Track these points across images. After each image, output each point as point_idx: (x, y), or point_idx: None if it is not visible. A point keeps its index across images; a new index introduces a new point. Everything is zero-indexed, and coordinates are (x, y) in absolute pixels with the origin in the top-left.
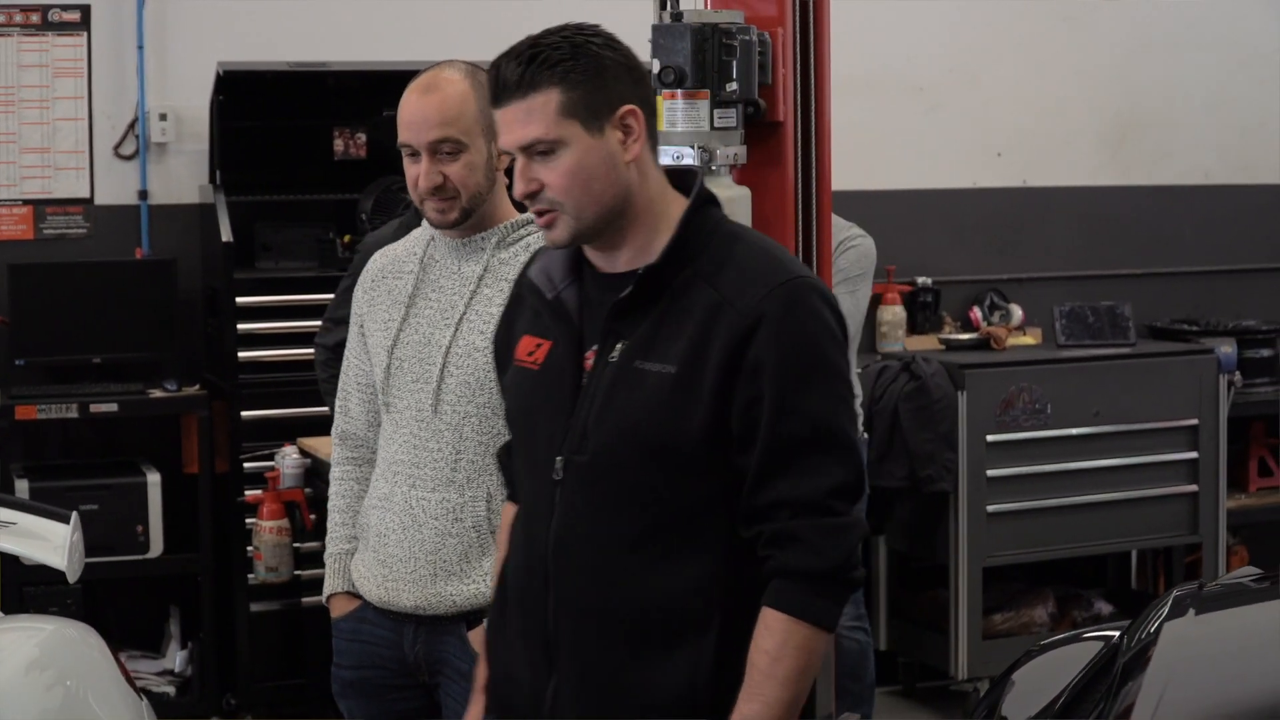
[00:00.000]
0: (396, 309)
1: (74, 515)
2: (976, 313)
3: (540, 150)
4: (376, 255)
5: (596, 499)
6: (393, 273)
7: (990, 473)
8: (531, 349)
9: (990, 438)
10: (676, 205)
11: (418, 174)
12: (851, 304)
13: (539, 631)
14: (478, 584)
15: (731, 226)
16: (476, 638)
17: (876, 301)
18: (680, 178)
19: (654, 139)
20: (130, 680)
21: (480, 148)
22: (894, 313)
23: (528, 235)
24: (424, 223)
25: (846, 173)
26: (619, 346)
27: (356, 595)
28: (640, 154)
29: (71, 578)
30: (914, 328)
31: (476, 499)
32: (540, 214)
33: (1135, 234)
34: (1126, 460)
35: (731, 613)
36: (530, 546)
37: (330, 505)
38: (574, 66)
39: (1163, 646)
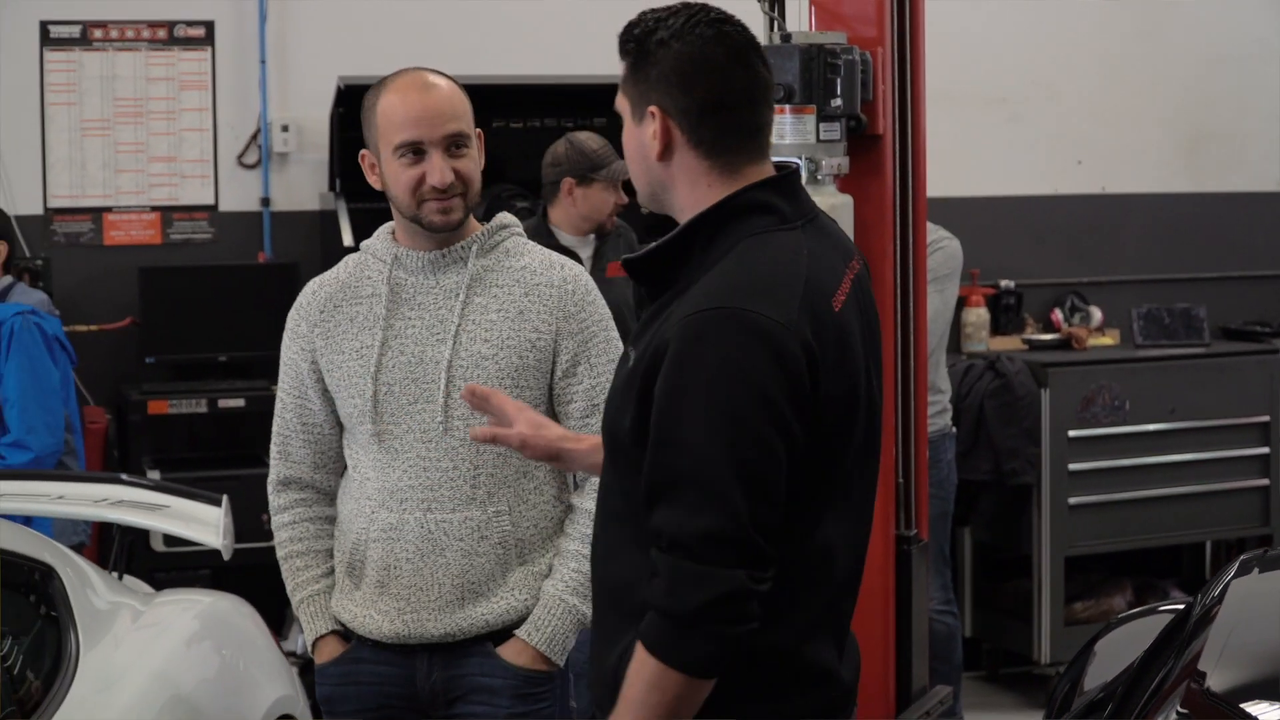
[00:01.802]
0: (369, 334)
1: (224, 498)
2: (1058, 314)
3: (615, 109)
4: (314, 287)
5: (602, 474)
6: (347, 299)
7: (1072, 467)
8: None
9: (1072, 433)
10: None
11: (418, 175)
12: (940, 302)
13: None
14: (507, 599)
15: (750, 243)
16: (511, 650)
17: (961, 304)
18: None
19: (714, 146)
20: (280, 649)
21: (478, 147)
22: (978, 314)
23: (505, 240)
24: (366, 246)
25: (933, 180)
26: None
27: (344, 637)
28: (668, 158)
29: (226, 554)
30: (997, 329)
31: (500, 514)
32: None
33: (1209, 239)
34: (1201, 455)
35: None
36: None
37: (285, 551)
38: (639, 48)
39: (1229, 602)
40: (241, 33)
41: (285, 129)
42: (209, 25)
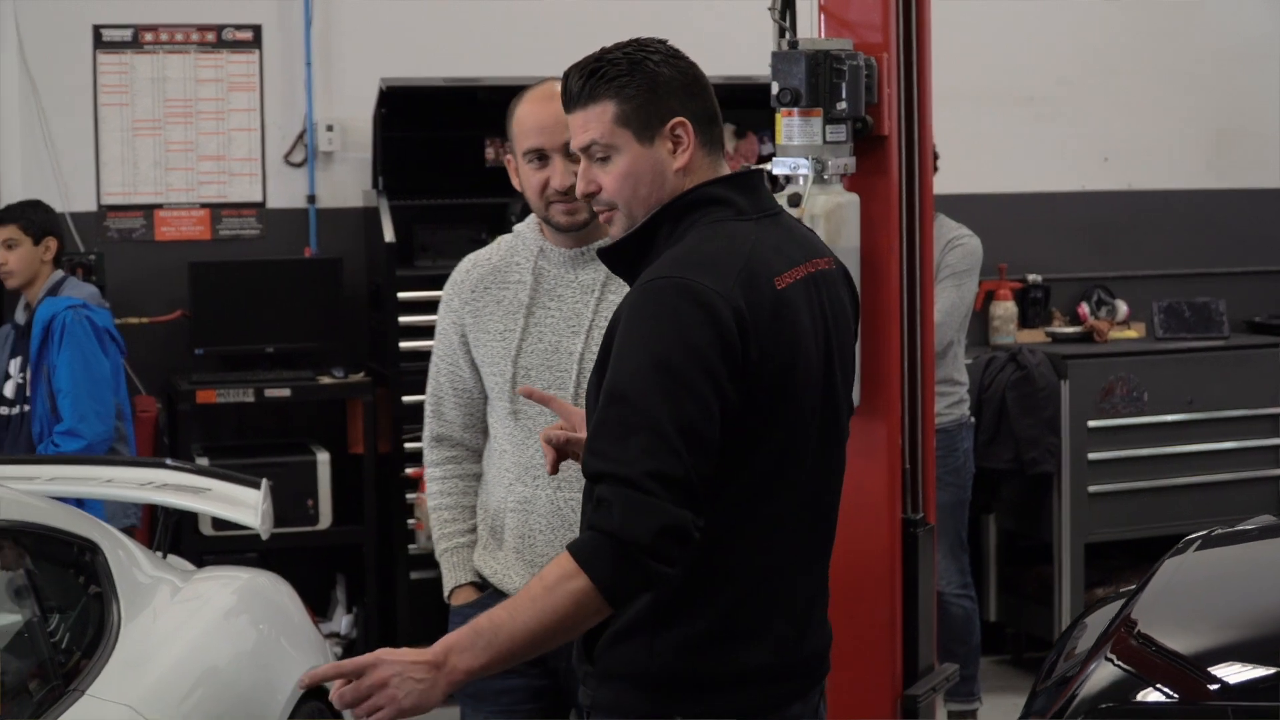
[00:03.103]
0: (513, 319)
1: (264, 481)
2: (1084, 308)
3: (598, 155)
4: (468, 265)
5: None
6: (496, 282)
7: (1091, 456)
8: None
9: (1091, 423)
10: None
11: (544, 179)
12: (957, 296)
13: None
14: None
15: (703, 230)
16: None
17: (990, 298)
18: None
19: (712, 145)
20: (317, 626)
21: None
22: (1006, 308)
23: None
24: (519, 231)
25: (962, 177)
26: None
27: (479, 587)
28: (690, 161)
29: (264, 535)
30: (1025, 322)
31: None
32: (600, 212)
33: (1233, 234)
34: (1218, 445)
35: None
36: None
37: (435, 504)
38: (629, 82)
39: (1158, 576)
40: (288, 36)
41: (330, 129)
42: (256, 29)
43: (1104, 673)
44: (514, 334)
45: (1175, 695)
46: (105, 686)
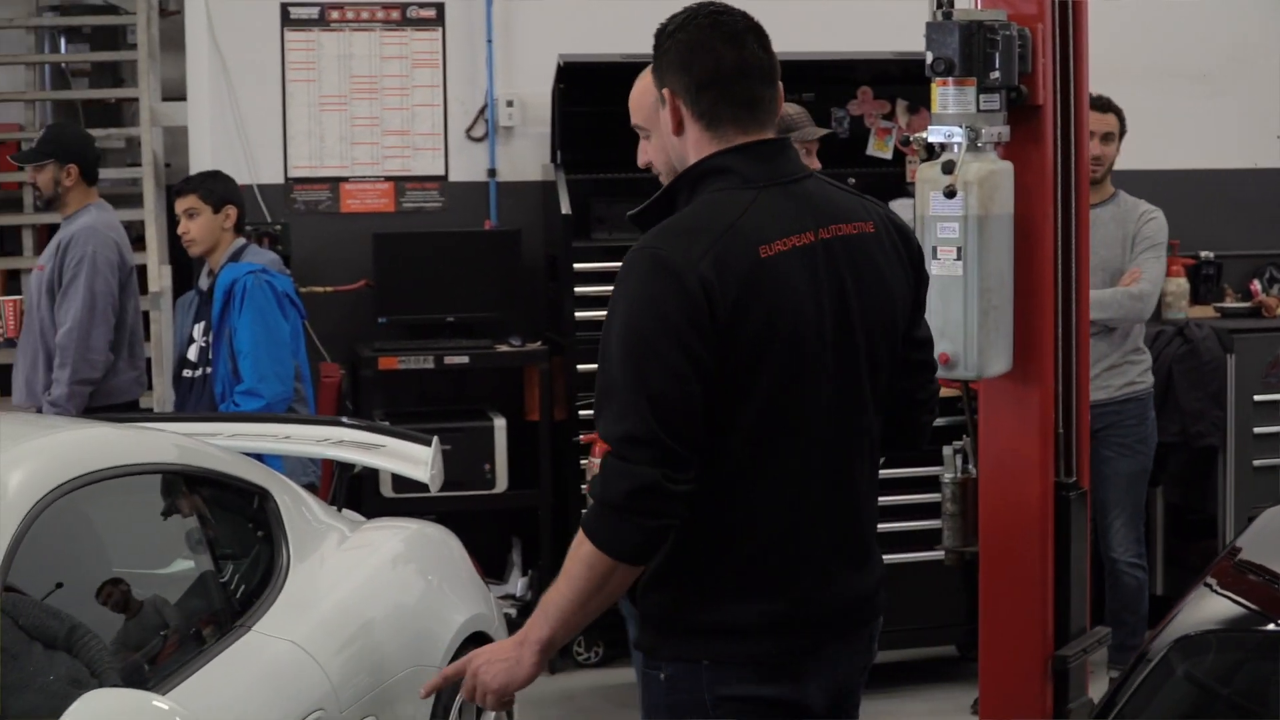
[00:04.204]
0: None
1: (435, 438)
2: (1256, 285)
3: (642, 134)
4: None
5: None
6: None
7: (1256, 430)
8: None
9: (1257, 397)
10: None
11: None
12: (1160, 267)
13: None
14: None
15: (705, 198)
16: None
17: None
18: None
19: (714, 113)
20: (483, 578)
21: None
22: (1178, 284)
23: None
24: None
25: (1137, 153)
26: None
27: None
28: (682, 129)
29: (434, 488)
30: (1196, 298)
31: None
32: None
33: None
34: None
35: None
36: None
37: None
38: (656, 45)
39: (1262, 518)
40: (470, 14)
41: (510, 104)
42: (439, 6)
43: (1202, 598)
44: None
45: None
46: (271, 624)
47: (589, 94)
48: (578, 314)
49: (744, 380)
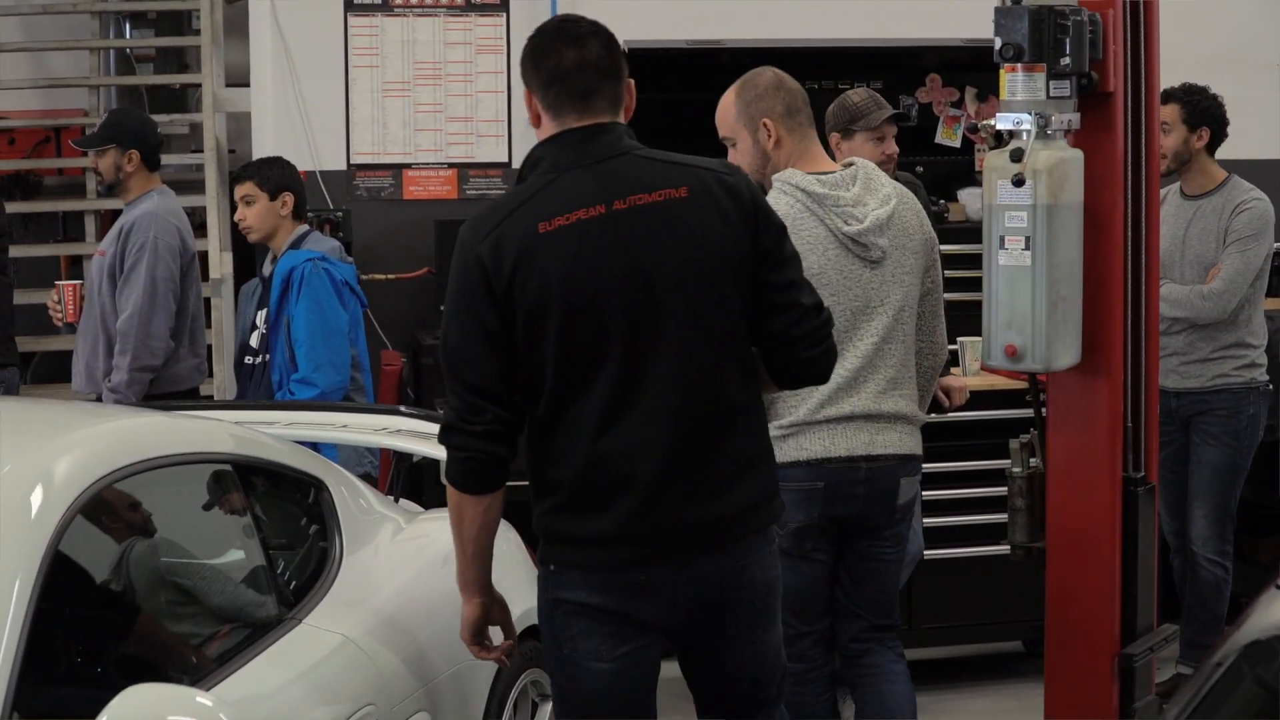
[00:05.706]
0: None
1: None
2: None
3: None
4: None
5: None
6: None
7: None
8: None
9: None
10: None
11: None
12: (1242, 263)
13: None
14: None
15: (522, 183)
16: None
17: None
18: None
19: (557, 108)
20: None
21: (744, 139)
22: None
23: None
24: None
25: (1248, 143)
26: None
27: None
28: (539, 126)
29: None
30: (1270, 291)
31: None
32: None
33: None
34: None
35: None
36: None
37: None
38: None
39: None
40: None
41: None
42: None
43: (1273, 600)
44: None
45: None
46: (323, 616)
47: (654, 81)
48: None
49: (535, 338)
